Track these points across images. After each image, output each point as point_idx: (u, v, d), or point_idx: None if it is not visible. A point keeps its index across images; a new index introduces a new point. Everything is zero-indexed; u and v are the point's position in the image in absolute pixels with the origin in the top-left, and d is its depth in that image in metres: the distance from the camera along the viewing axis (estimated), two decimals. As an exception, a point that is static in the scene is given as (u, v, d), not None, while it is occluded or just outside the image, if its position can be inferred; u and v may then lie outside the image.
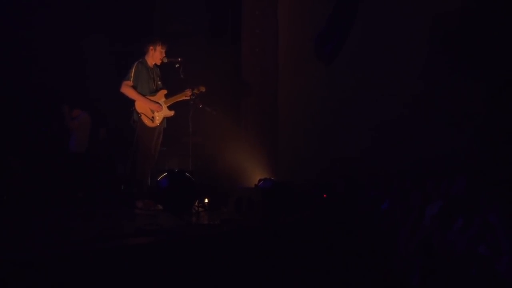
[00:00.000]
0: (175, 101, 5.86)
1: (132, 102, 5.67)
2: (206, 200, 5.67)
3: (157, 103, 5.72)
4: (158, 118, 5.72)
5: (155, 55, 5.75)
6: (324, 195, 5.86)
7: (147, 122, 5.63)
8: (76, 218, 4.75)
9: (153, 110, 5.68)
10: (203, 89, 5.89)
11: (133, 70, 5.61)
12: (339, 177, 6.06)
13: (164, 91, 5.85)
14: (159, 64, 5.81)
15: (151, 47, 5.74)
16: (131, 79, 5.60)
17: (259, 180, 6.03)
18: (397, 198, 4.27)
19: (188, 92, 5.83)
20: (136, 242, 3.33)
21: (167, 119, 5.87)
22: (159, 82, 5.85)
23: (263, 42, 7.67)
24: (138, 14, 7.36)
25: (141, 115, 5.60)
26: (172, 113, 5.83)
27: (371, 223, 4.25)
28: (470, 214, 2.91)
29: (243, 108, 7.70)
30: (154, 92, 5.77)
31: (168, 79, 6.01)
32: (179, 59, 5.78)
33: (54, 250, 2.80)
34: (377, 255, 3.67)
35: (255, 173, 6.79)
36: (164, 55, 5.78)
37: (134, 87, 5.61)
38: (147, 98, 5.66)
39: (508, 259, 1.74)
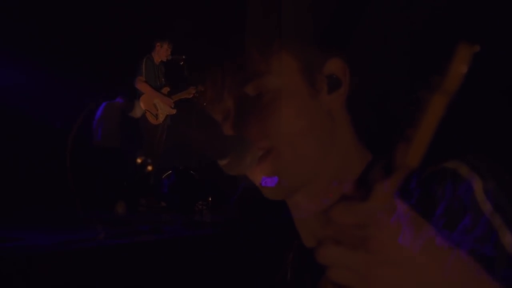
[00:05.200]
0: (178, 98, 5.86)
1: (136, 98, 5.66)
2: (210, 199, 5.66)
3: (168, 98, 5.74)
4: (162, 115, 5.72)
5: (161, 52, 5.75)
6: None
7: (150, 119, 5.63)
8: (76, 215, 4.73)
9: (158, 107, 5.67)
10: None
11: (143, 66, 5.63)
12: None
13: (167, 89, 5.85)
14: (164, 61, 5.81)
15: (158, 44, 5.74)
16: (143, 74, 5.61)
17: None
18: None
19: (192, 91, 5.82)
20: (138, 240, 3.32)
21: (171, 117, 5.86)
22: (163, 79, 5.86)
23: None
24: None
25: (145, 112, 5.60)
26: (174, 111, 5.82)
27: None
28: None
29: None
30: (159, 89, 5.77)
31: (170, 76, 6.00)
32: (183, 57, 5.77)
33: (56, 248, 2.79)
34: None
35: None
36: (169, 53, 5.77)
37: (146, 82, 5.63)
38: (161, 93, 5.67)
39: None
